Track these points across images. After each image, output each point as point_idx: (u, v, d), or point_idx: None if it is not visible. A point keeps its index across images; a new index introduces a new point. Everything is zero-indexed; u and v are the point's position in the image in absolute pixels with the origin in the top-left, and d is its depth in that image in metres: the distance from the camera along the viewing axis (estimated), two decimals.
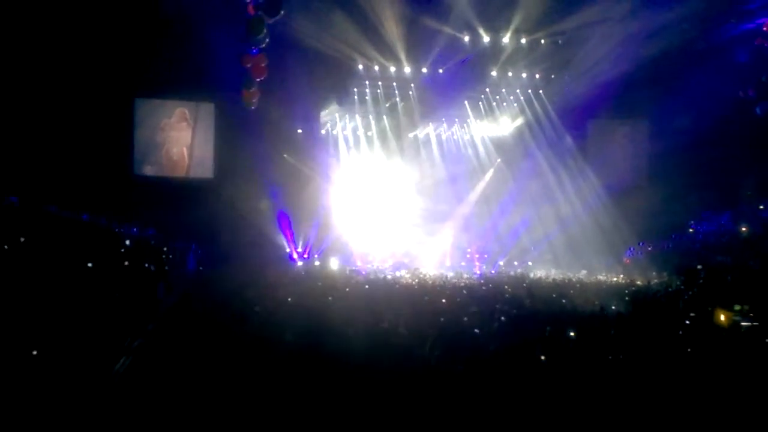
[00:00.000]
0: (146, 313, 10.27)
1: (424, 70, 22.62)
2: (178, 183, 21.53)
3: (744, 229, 20.19)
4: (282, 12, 14.83)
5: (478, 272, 22.76)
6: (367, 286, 16.01)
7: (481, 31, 21.22)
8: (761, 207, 20.98)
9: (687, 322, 10.84)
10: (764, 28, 19.10)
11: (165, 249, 17.04)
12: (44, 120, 18.00)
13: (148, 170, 21.56)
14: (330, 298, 12.85)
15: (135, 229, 17.94)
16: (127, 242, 15.76)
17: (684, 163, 21.38)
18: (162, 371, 6.71)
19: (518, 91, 24.90)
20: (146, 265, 14.19)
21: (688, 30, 20.22)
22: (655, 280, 18.58)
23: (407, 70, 22.54)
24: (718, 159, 21.84)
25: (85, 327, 8.13)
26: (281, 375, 6.66)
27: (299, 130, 23.54)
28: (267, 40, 14.98)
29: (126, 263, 13.70)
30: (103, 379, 6.49)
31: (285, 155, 22.57)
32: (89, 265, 12.39)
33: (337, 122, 26.30)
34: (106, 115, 19.53)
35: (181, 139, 21.83)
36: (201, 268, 19.31)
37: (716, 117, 20.43)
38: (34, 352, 7.06)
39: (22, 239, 12.13)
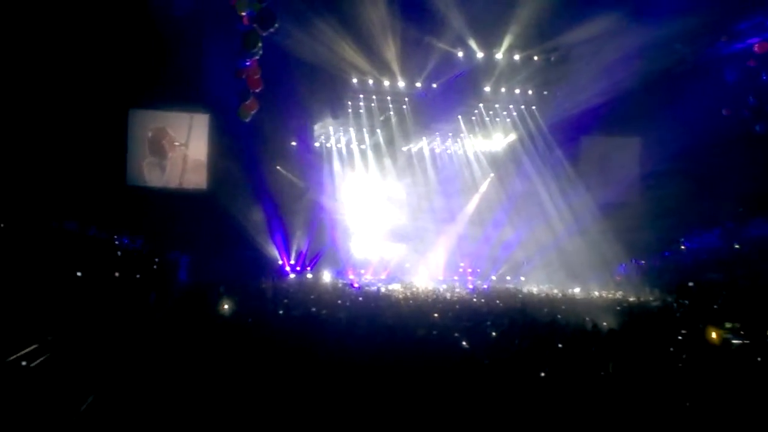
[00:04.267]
0: (137, 322, 10.22)
1: (418, 84, 22.72)
2: (171, 194, 21.48)
3: (735, 246, 20.32)
4: (276, 25, 14.92)
5: (471, 287, 22.76)
6: (360, 299, 15.99)
7: (475, 47, 21.41)
8: (752, 224, 21.11)
9: (678, 338, 10.85)
10: (755, 48, 19.33)
11: (157, 259, 16.98)
12: (38, 130, 17.94)
13: (142, 180, 21.50)
14: (324, 311, 12.81)
15: (127, 239, 17.89)
16: (119, 252, 15.70)
17: (676, 179, 21.51)
18: (153, 380, 6.68)
19: (511, 106, 25.05)
20: (138, 274, 14.15)
21: (679, 48, 20.48)
22: (648, 297, 18.63)
23: (401, 84, 22.63)
24: (709, 176, 22.01)
25: (77, 334, 8.10)
26: (273, 384, 6.64)
27: (293, 143, 23.60)
28: (260, 51, 15.05)
29: (118, 273, 13.65)
30: (95, 385, 6.45)
31: (278, 167, 22.59)
32: (79, 274, 12.36)
33: (331, 135, 26.35)
34: (99, 125, 19.48)
35: (169, 156, 21.78)
36: (193, 278, 19.23)
37: (707, 134, 20.59)
38: (24, 362, 7.02)
39: (17, 248, 12.07)
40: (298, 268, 22.90)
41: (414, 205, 26.55)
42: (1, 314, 8.51)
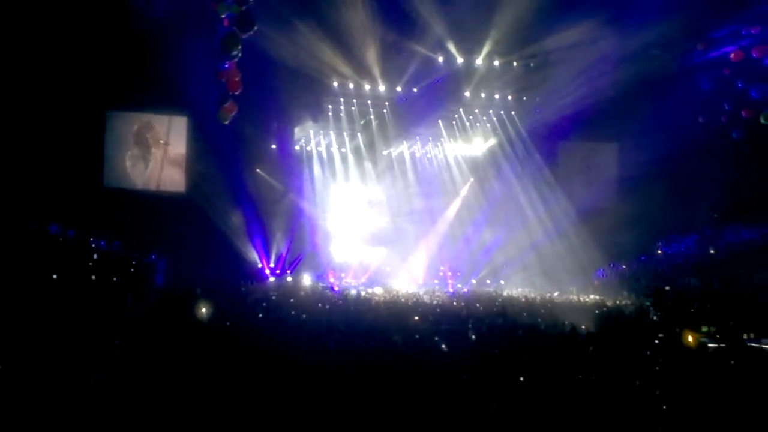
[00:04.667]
0: (114, 326, 10.10)
1: (399, 88, 22.78)
2: (149, 196, 21.25)
3: (711, 251, 20.59)
4: (255, 28, 14.85)
5: (451, 290, 22.81)
6: (340, 302, 15.95)
7: (455, 52, 21.52)
8: (728, 229, 21.42)
9: (655, 342, 10.96)
10: (731, 57, 19.63)
11: (134, 262, 16.79)
12: (13, 131, 17.68)
13: (119, 183, 21.25)
14: (304, 315, 12.75)
15: (104, 242, 17.67)
16: (96, 255, 15.50)
17: (652, 185, 21.76)
18: (131, 385, 6.60)
19: (491, 111, 25.21)
20: (114, 278, 13.98)
21: (656, 56, 20.77)
22: (625, 301, 18.80)
23: (381, 88, 22.67)
24: (684, 182, 22.31)
25: (52, 338, 7.98)
26: (252, 388, 6.59)
27: (273, 146, 23.50)
28: (240, 54, 14.98)
29: (94, 276, 13.48)
30: (71, 392, 6.36)
31: (258, 170, 22.47)
32: (54, 277, 12.19)
33: (311, 139, 26.28)
34: (76, 126, 19.25)
35: (152, 152, 21.58)
36: (171, 282, 19.04)
37: (684, 141, 20.91)
38: None
39: None
40: (277, 272, 22.76)
41: (394, 209, 26.55)
42: None
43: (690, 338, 10.99)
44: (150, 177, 21.52)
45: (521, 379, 7.60)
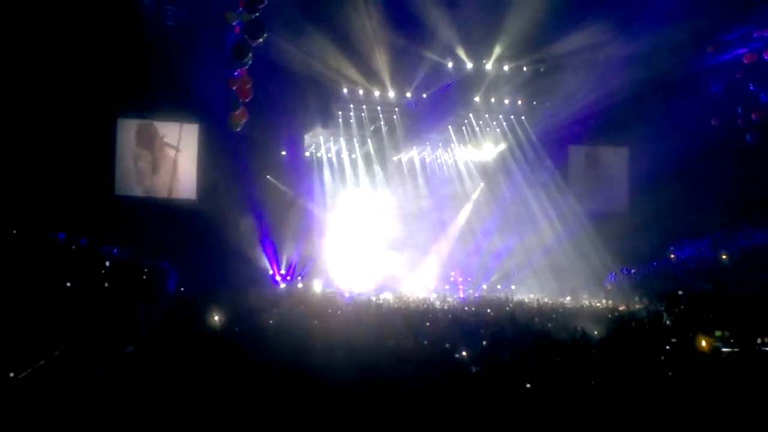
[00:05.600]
0: (127, 334, 10.16)
1: (408, 94, 22.79)
2: (160, 204, 21.34)
3: (723, 256, 20.43)
4: (265, 35, 14.94)
5: (462, 296, 22.73)
6: (351, 308, 15.95)
7: (464, 58, 21.53)
8: (740, 233, 21.26)
9: (668, 347, 10.89)
10: (744, 59, 19.50)
11: (146, 270, 16.87)
12: (25, 139, 17.80)
13: (130, 191, 21.35)
14: (315, 321, 12.77)
15: (116, 250, 17.77)
16: (108, 263, 15.60)
17: (664, 189, 21.64)
18: (143, 392, 6.63)
19: (501, 116, 25.16)
20: (127, 285, 14.06)
21: (667, 59, 20.68)
22: (637, 306, 18.67)
23: (391, 94, 22.68)
24: (697, 185, 22.17)
25: (65, 346, 8.04)
26: (263, 395, 6.61)
27: (283, 153, 23.58)
28: (250, 61, 15.07)
29: (107, 283, 13.56)
30: (85, 397, 6.40)
31: (269, 177, 22.55)
32: (68, 284, 12.29)
33: (321, 145, 26.32)
34: (88, 134, 19.35)
35: (164, 159, 21.70)
36: (182, 289, 19.12)
37: (695, 144, 20.79)
38: (11, 374, 6.95)
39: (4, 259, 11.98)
40: (288, 278, 22.80)
41: (405, 215, 26.50)
42: None
43: (703, 343, 10.90)
44: (161, 184, 21.62)
45: (528, 386, 7.58)
